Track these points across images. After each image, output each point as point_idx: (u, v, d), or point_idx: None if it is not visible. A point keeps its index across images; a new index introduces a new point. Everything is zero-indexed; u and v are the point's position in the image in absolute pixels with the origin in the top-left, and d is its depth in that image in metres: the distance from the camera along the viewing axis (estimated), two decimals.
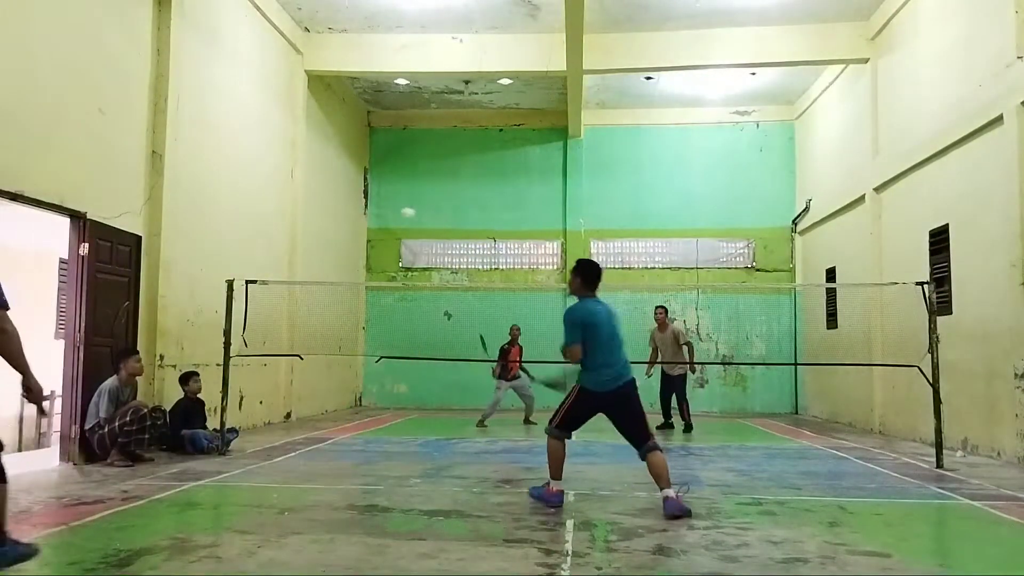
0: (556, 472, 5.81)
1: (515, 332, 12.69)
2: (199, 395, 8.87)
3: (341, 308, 14.40)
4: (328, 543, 4.59)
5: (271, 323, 11.38)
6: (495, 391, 12.49)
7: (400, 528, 5.07)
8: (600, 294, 6.08)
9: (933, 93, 10.26)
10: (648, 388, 12.27)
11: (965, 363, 9.26)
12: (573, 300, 6.13)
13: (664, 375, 12.18)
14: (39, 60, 7.29)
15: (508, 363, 12.33)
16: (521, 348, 12.64)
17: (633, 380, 5.77)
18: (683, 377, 12.12)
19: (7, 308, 3.72)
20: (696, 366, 12.27)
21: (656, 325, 12.22)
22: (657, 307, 12.32)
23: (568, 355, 5.80)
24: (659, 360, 12.09)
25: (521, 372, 12.50)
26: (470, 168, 17.10)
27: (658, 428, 11.88)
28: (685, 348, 12.01)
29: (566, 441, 5.91)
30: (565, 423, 5.86)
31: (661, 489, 5.53)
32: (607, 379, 5.72)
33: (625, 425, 5.75)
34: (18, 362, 3.87)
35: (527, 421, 12.64)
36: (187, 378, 8.82)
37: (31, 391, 3.95)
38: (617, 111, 16.72)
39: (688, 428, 11.97)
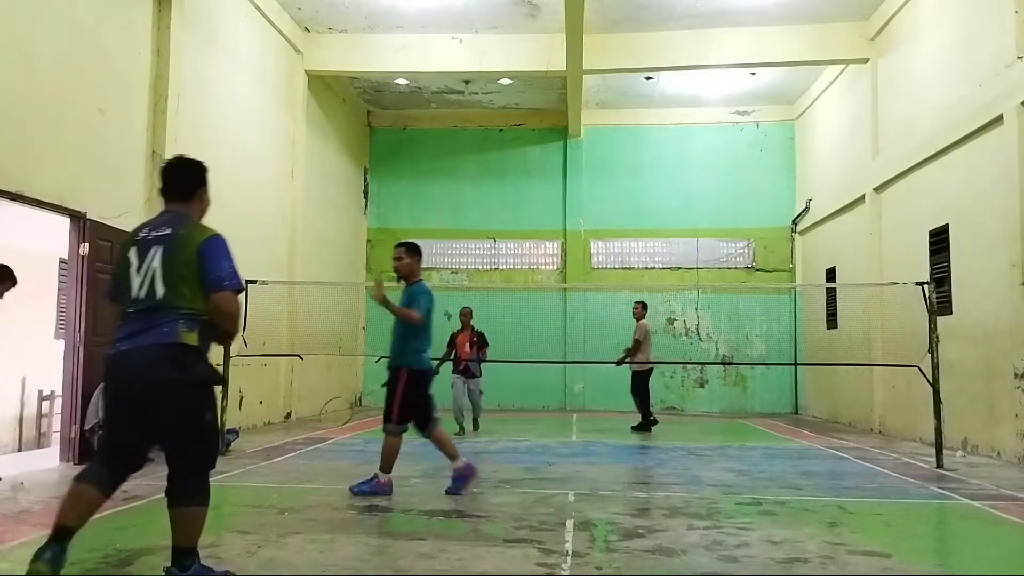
0: (389, 466, 6.06)
1: (464, 315, 11.10)
2: None
3: (341, 308, 14.39)
4: (328, 543, 4.58)
5: (271, 323, 11.37)
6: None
7: (400, 528, 5.07)
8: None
9: (933, 93, 10.26)
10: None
11: (965, 363, 9.26)
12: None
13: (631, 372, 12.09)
14: (39, 60, 7.29)
15: (458, 352, 10.89)
16: (477, 337, 11.08)
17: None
18: (644, 373, 12.00)
19: (239, 290, 3.71)
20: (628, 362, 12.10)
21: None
22: (636, 302, 12.28)
23: (413, 320, 6.16)
24: (631, 359, 11.93)
25: (474, 366, 11.01)
26: (470, 168, 17.10)
27: (633, 429, 11.74)
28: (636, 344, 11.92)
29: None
30: (403, 415, 6.06)
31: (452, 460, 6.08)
32: (429, 360, 6.28)
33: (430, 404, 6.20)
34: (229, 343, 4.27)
35: (474, 425, 11.27)
36: None
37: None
38: (617, 111, 16.72)
39: (651, 424, 11.90)
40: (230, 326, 3.61)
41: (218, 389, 8.60)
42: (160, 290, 3.50)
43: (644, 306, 12.11)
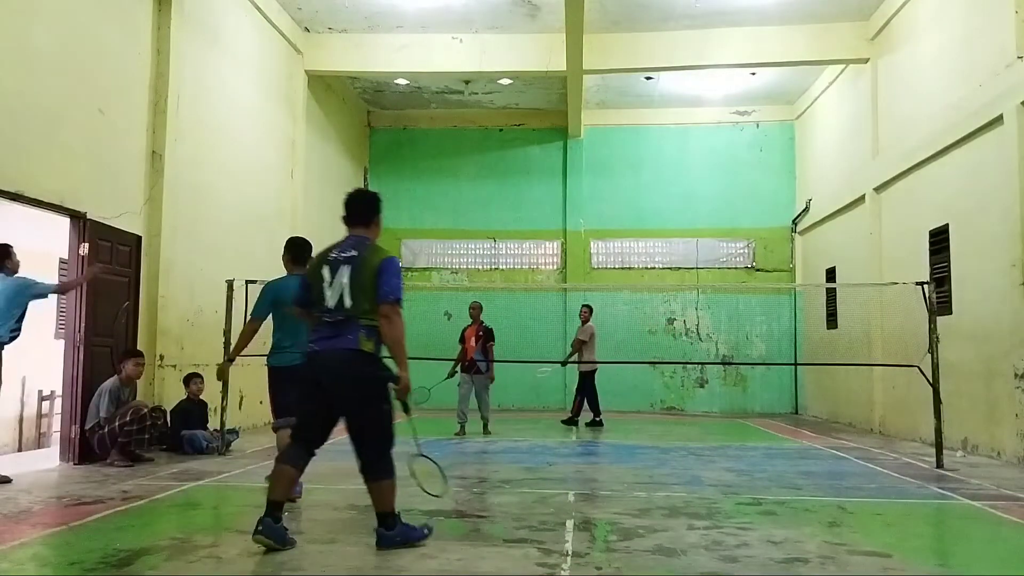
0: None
1: (473, 309, 11.10)
2: (201, 396, 8.87)
3: None
4: (328, 543, 4.59)
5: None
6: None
7: None
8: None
9: (933, 93, 10.26)
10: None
11: (965, 363, 9.26)
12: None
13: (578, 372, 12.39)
14: (39, 60, 7.29)
15: (464, 349, 10.80)
16: (485, 332, 10.99)
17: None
18: (590, 373, 12.26)
19: (399, 302, 4.32)
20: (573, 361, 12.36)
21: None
22: (583, 305, 12.60)
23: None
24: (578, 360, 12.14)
25: (479, 363, 10.86)
26: (470, 168, 17.09)
27: (587, 424, 12.04)
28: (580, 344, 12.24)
29: None
30: (278, 414, 6.15)
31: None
32: (288, 357, 6.02)
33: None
34: (396, 351, 4.37)
35: (484, 427, 11.00)
36: (188, 380, 8.82)
37: (399, 383, 4.34)
38: (617, 111, 16.72)
39: (573, 422, 12.13)
40: (392, 332, 4.29)
41: (218, 390, 8.61)
42: (348, 302, 4.30)
43: (590, 310, 12.52)
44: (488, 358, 10.97)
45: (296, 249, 6.28)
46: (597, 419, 12.24)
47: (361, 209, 4.66)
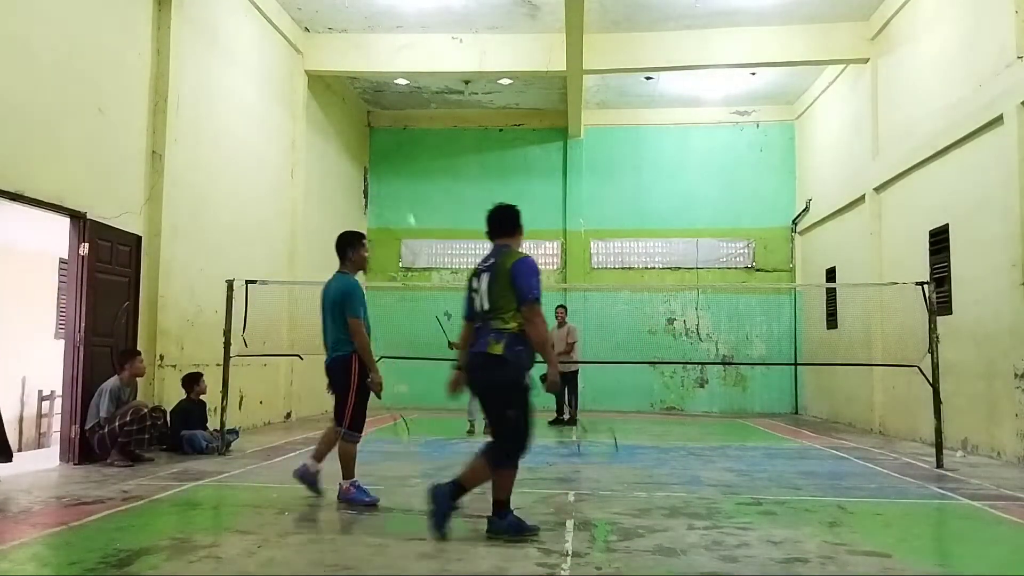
0: (352, 471, 5.87)
1: None
2: (202, 397, 8.87)
3: None
4: (328, 543, 4.59)
5: (271, 323, 11.35)
6: None
7: (400, 528, 5.07)
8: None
9: (933, 93, 10.26)
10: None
11: (965, 363, 9.26)
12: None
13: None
14: (39, 60, 7.29)
15: None
16: None
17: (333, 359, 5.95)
18: (574, 374, 12.28)
19: (537, 301, 4.61)
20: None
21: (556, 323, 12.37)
22: (558, 306, 12.58)
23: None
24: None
25: None
26: (470, 168, 17.09)
27: (550, 424, 11.99)
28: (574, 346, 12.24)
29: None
30: (359, 422, 5.87)
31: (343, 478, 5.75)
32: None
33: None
34: (542, 351, 4.68)
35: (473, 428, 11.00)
36: (195, 380, 8.80)
37: (552, 382, 4.75)
38: (617, 111, 16.72)
39: (573, 422, 12.07)
40: (533, 332, 4.62)
41: (218, 389, 8.60)
42: (485, 306, 4.70)
43: (566, 310, 12.63)
44: None
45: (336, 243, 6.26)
46: (562, 417, 12.28)
47: (502, 222, 4.98)
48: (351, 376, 5.79)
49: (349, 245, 6.02)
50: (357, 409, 5.82)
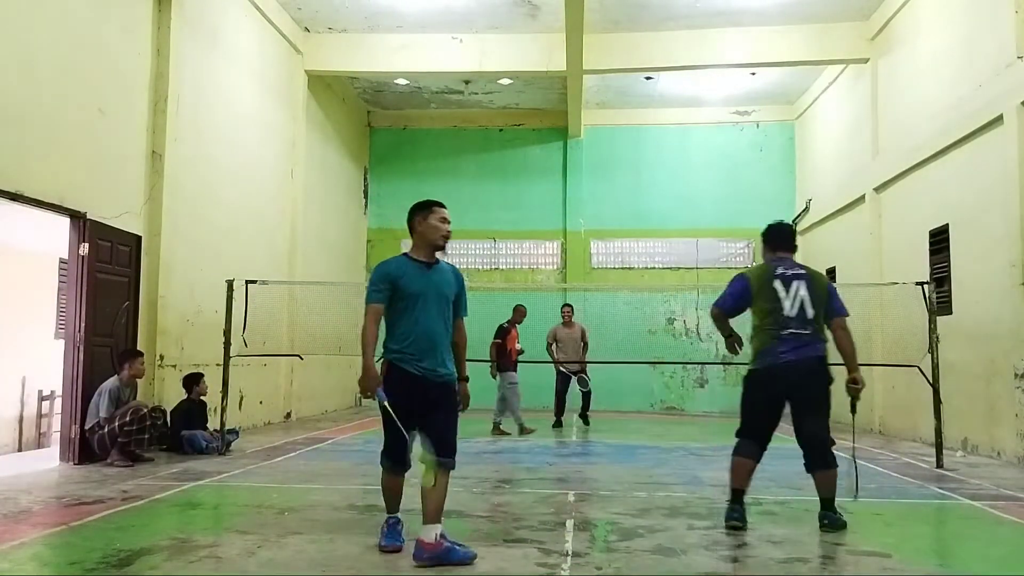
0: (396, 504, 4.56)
1: (519, 313, 11.27)
2: (203, 397, 8.87)
3: (341, 308, 14.32)
4: (328, 543, 4.58)
5: (271, 323, 11.35)
6: (505, 387, 10.85)
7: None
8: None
9: (933, 93, 10.26)
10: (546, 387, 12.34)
11: (965, 363, 9.25)
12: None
13: (561, 373, 12.16)
14: (39, 60, 7.29)
15: (507, 349, 10.84)
16: (517, 335, 11.18)
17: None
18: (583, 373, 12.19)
19: (846, 315, 5.23)
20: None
21: (562, 322, 12.27)
22: (564, 305, 12.51)
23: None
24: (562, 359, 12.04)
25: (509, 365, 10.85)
26: (470, 168, 17.09)
27: (553, 427, 11.81)
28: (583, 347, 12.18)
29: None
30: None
31: (424, 522, 4.20)
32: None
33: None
34: (853, 359, 5.21)
35: (516, 429, 10.88)
36: (195, 380, 8.80)
37: (857, 383, 5.17)
38: (617, 111, 16.71)
39: (587, 422, 12.12)
40: (849, 344, 5.30)
41: (218, 390, 8.59)
42: (811, 313, 5.10)
43: (572, 309, 12.55)
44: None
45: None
46: (559, 421, 12.07)
47: (791, 238, 5.54)
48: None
49: (411, 217, 4.60)
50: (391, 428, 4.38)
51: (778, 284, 5.11)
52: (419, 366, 4.25)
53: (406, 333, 4.28)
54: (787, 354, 5.01)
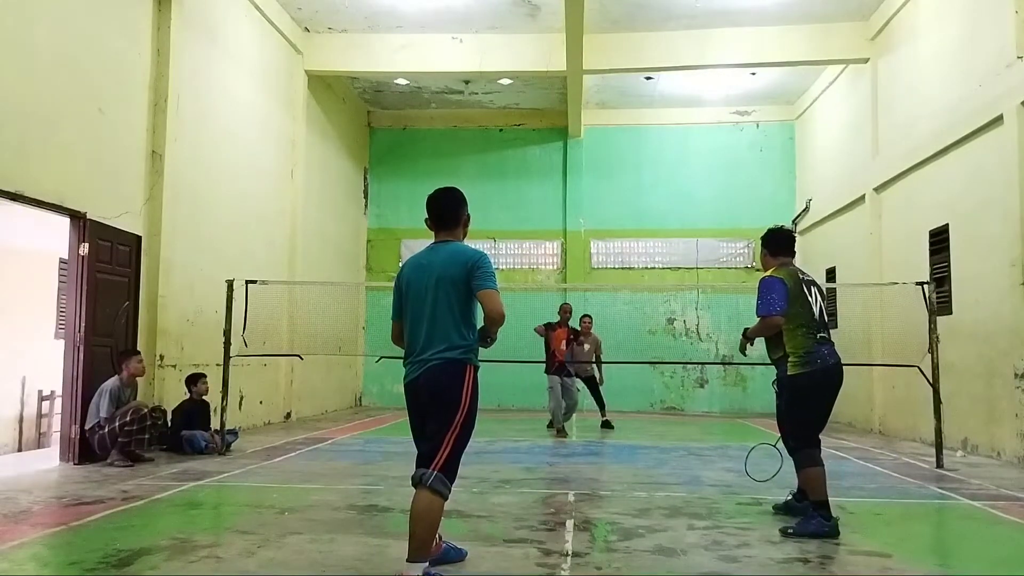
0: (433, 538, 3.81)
1: (564, 312, 11.25)
2: (204, 397, 8.87)
3: (341, 308, 14.37)
4: (328, 543, 4.58)
5: (271, 323, 11.36)
6: (548, 388, 11.01)
7: (400, 528, 5.04)
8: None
9: (933, 93, 10.26)
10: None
11: (965, 363, 9.25)
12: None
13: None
14: (39, 60, 7.29)
15: (553, 350, 10.87)
16: (572, 334, 11.21)
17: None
18: (595, 378, 12.15)
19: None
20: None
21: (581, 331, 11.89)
22: (583, 316, 12.09)
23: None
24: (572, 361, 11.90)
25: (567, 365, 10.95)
26: (470, 168, 17.08)
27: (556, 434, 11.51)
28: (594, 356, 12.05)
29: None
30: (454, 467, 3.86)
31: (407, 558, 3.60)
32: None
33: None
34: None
35: (563, 430, 11.06)
36: (195, 380, 8.80)
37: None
38: (617, 111, 16.72)
39: (608, 424, 12.10)
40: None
41: (218, 389, 8.58)
42: (826, 317, 5.31)
43: (591, 319, 12.23)
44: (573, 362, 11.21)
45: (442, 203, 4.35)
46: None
47: (793, 243, 5.60)
48: (464, 391, 3.77)
49: (463, 203, 4.20)
50: (459, 445, 3.79)
51: (805, 288, 5.25)
52: (408, 371, 3.88)
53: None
54: (830, 356, 5.14)
